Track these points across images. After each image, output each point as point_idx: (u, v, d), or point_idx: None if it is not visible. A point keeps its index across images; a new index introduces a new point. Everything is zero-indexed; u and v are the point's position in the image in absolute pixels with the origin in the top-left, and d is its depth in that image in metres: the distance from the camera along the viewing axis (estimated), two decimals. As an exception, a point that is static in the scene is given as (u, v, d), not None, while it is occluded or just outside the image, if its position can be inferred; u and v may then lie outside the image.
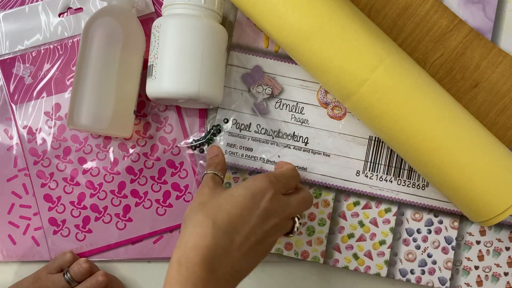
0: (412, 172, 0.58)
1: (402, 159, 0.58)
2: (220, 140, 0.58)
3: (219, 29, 0.55)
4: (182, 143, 0.58)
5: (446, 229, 0.58)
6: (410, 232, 0.58)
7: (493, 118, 0.57)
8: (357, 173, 0.58)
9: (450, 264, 0.58)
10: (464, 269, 0.58)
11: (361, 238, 0.58)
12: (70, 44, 0.60)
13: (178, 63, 0.53)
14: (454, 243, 0.58)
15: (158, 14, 0.60)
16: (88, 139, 0.60)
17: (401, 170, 0.58)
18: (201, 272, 0.42)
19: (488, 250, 0.58)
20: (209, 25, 0.54)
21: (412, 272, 0.58)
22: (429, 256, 0.58)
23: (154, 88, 0.54)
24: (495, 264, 0.58)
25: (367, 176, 0.58)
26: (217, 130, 0.58)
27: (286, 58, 0.59)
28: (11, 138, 0.60)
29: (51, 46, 0.60)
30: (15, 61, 0.60)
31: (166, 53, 0.53)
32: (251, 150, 0.59)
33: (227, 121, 0.58)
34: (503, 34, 0.59)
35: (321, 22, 0.51)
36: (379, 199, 0.58)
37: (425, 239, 0.58)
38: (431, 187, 0.58)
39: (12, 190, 0.59)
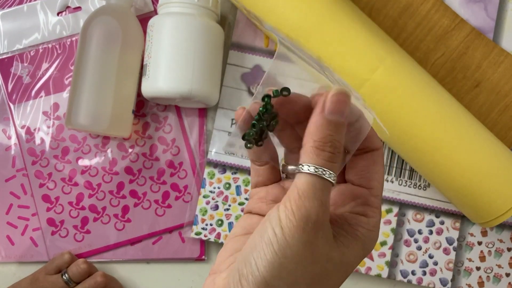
0: (413, 173, 0.58)
1: (403, 160, 0.57)
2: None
3: (214, 27, 0.55)
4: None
5: (447, 229, 0.58)
6: (411, 233, 0.58)
7: (495, 118, 0.57)
8: (357, 173, 0.58)
9: (451, 265, 0.57)
10: (465, 270, 0.58)
11: (361, 239, 0.58)
12: (68, 43, 0.60)
13: (170, 61, 0.53)
14: (455, 244, 0.58)
15: (157, 13, 0.60)
16: (87, 139, 0.59)
17: (402, 170, 0.58)
18: None
19: (489, 251, 0.58)
20: (202, 24, 0.54)
21: (413, 273, 0.58)
22: (431, 257, 0.58)
23: (148, 87, 0.54)
24: (496, 265, 0.58)
25: (367, 177, 0.58)
26: (268, 106, 0.31)
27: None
28: (9, 138, 0.60)
29: (50, 45, 0.60)
30: (13, 60, 0.60)
31: (159, 52, 0.53)
32: (251, 150, 0.58)
33: (288, 92, 0.32)
34: (505, 33, 0.58)
35: (321, 22, 0.50)
36: (379, 200, 0.58)
37: (426, 240, 0.58)
38: (432, 188, 0.58)
39: (10, 190, 0.59)
